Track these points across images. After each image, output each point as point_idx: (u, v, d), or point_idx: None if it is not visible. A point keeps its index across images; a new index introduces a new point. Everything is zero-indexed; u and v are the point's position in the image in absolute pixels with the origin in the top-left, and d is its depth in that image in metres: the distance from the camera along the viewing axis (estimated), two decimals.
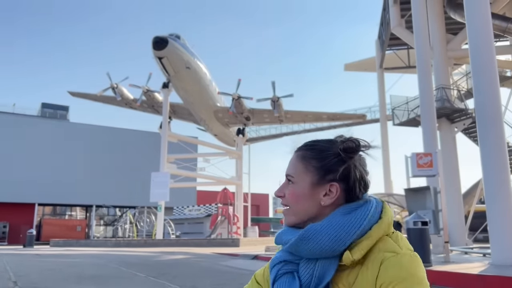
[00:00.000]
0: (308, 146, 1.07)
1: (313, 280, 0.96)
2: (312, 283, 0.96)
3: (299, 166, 1.05)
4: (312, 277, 0.96)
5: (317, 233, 0.95)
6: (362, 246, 0.94)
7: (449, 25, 17.66)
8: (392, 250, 0.92)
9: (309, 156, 1.04)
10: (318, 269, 0.96)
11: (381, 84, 25.65)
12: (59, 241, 24.25)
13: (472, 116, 15.19)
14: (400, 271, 0.88)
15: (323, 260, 0.96)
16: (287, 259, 1.02)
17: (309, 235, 0.96)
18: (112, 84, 26.63)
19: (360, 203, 1.00)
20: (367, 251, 0.94)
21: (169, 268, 8.53)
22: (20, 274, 7.20)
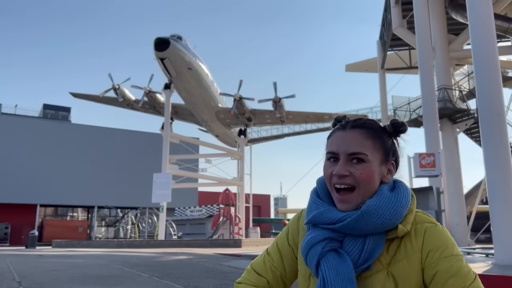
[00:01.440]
0: (367, 125, 1.09)
1: (363, 255, 0.99)
2: (361, 259, 0.99)
3: (368, 144, 1.05)
4: (361, 253, 1.00)
5: (378, 208, 0.99)
6: (409, 219, 1.03)
7: (451, 25, 17.67)
8: (429, 221, 1.04)
9: (374, 135, 1.07)
10: (368, 245, 1.00)
11: (383, 85, 25.63)
12: (61, 242, 24.27)
13: (474, 116, 15.20)
14: (442, 238, 1.00)
15: (374, 236, 1.00)
16: (330, 236, 1.02)
17: (371, 211, 0.99)
18: (114, 85, 26.67)
19: (395, 181, 1.10)
20: None
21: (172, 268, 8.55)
22: (24, 274, 7.22)
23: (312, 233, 1.05)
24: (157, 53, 22.42)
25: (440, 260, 0.98)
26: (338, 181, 1.04)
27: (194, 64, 23.83)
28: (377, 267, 1.00)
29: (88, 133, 36.90)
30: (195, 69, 23.89)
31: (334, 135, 1.10)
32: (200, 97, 25.60)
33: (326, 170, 1.08)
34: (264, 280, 1.17)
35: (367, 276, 1.00)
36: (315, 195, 1.13)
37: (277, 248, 1.19)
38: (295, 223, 1.19)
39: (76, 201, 36.18)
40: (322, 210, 1.05)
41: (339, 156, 1.05)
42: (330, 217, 1.03)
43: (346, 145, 1.05)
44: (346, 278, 0.96)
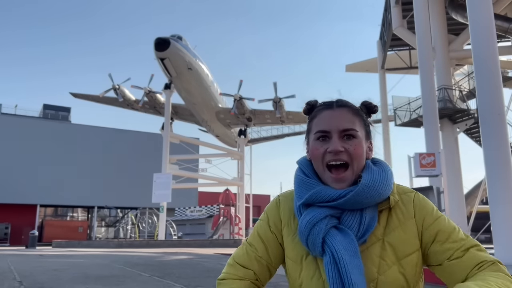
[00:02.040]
0: (349, 104, 1.12)
1: (362, 228, 1.02)
2: (360, 232, 1.02)
3: (357, 121, 1.09)
4: (360, 226, 1.03)
5: (375, 181, 1.03)
6: (395, 190, 1.09)
7: (451, 25, 17.68)
8: (410, 191, 1.12)
9: (359, 113, 1.11)
10: (366, 217, 1.03)
11: (383, 85, 25.64)
12: (62, 242, 24.28)
13: (474, 116, 15.21)
14: (428, 203, 1.09)
15: (369, 209, 1.04)
16: (330, 214, 1.04)
17: (369, 184, 1.02)
18: (114, 85, 26.69)
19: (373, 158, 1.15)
20: None
21: (173, 268, 8.56)
22: (25, 274, 7.23)
23: (311, 212, 1.05)
24: (157, 53, 22.44)
25: (435, 221, 1.05)
26: (333, 158, 1.05)
27: (194, 64, 23.85)
28: (372, 239, 1.03)
29: (88, 133, 36.92)
30: (195, 69, 23.91)
31: (321, 115, 1.11)
32: (200, 97, 25.62)
33: (317, 150, 1.08)
34: (251, 272, 1.14)
35: (363, 249, 1.03)
36: (302, 174, 1.12)
37: (259, 237, 1.16)
38: (275, 209, 1.17)
39: (76, 201, 36.18)
40: (318, 188, 1.05)
41: (330, 134, 1.06)
42: (329, 194, 1.04)
43: (338, 122, 1.06)
44: (352, 252, 0.99)
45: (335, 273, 0.98)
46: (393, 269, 1.01)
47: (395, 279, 1.00)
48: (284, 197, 1.19)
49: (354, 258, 0.98)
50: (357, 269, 0.97)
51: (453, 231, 1.04)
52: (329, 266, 0.99)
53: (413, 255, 1.04)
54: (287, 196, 1.18)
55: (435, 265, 1.05)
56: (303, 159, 1.16)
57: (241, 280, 1.13)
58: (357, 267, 0.97)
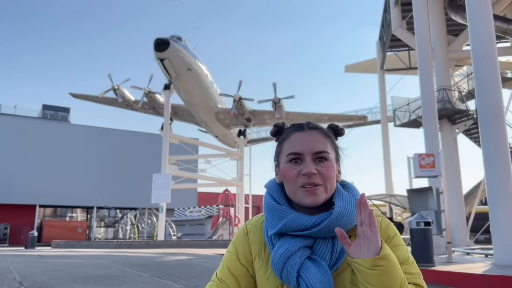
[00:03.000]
0: (319, 127, 1.11)
1: (334, 256, 1.02)
2: (332, 260, 1.02)
3: (328, 144, 1.09)
4: (332, 254, 1.02)
5: (347, 207, 1.03)
6: None
7: (450, 26, 17.71)
8: (377, 215, 1.09)
9: (329, 136, 1.11)
10: (338, 245, 1.02)
11: (382, 86, 25.69)
12: (61, 242, 24.27)
13: (473, 117, 15.23)
14: (393, 229, 1.09)
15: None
16: (304, 244, 1.02)
17: (342, 211, 1.02)
18: (114, 85, 26.69)
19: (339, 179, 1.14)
20: None
21: (172, 268, 8.56)
22: (24, 274, 7.23)
23: (284, 244, 1.02)
24: (157, 54, 22.45)
25: (395, 248, 1.05)
26: (308, 181, 1.03)
27: (194, 65, 23.86)
28: (343, 265, 1.02)
29: (87, 133, 36.90)
30: (194, 70, 23.92)
31: (292, 137, 1.09)
32: (199, 97, 25.63)
33: (290, 171, 1.05)
34: None
35: (335, 276, 1.02)
36: (273, 201, 1.08)
37: (230, 272, 1.11)
38: (244, 240, 1.13)
39: (75, 202, 36.16)
40: (292, 216, 1.03)
41: (303, 156, 1.05)
42: (303, 223, 1.01)
43: (311, 144, 1.06)
44: (327, 285, 0.98)
45: None
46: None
47: None
48: (253, 225, 1.15)
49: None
50: None
51: (406, 261, 1.04)
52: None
53: None
54: (255, 224, 1.15)
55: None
56: (271, 183, 1.13)
57: None
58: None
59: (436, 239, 9.25)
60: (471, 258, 9.30)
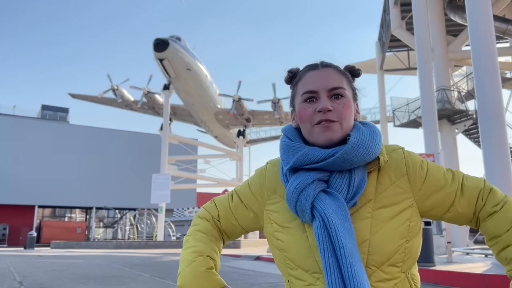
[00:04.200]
0: (334, 65, 1.09)
1: (351, 190, 0.99)
2: (349, 194, 0.99)
3: (344, 81, 1.06)
4: (349, 188, 0.99)
5: (364, 139, 1.00)
6: (383, 150, 1.06)
7: (449, 27, 17.73)
8: (397, 148, 1.09)
9: (345, 73, 1.08)
10: (355, 179, 1.00)
11: (382, 86, 25.69)
12: (60, 242, 24.24)
13: (473, 117, 15.25)
14: (415, 157, 1.07)
15: (358, 169, 1.01)
16: (318, 177, 1.01)
17: (358, 142, 0.99)
18: (113, 86, 26.67)
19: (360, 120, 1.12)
20: None
21: (172, 268, 8.56)
22: (24, 274, 7.22)
23: (298, 177, 1.01)
24: (156, 54, 22.45)
25: (427, 173, 1.04)
26: (323, 117, 1.00)
27: (193, 65, 23.87)
28: (362, 200, 1.01)
29: (86, 134, 36.86)
30: (194, 70, 23.92)
31: (306, 76, 1.07)
32: (199, 97, 25.63)
33: (306, 110, 1.03)
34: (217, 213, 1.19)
35: (354, 211, 1.00)
36: (288, 139, 1.08)
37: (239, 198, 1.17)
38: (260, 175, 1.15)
39: (74, 202, 36.12)
40: (305, 150, 1.02)
41: (318, 94, 1.03)
42: (317, 154, 1.00)
43: (325, 81, 1.03)
44: (343, 216, 0.96)
45: (326, 237, 0.95)
46: (385, 228, 0.98)
47: (387, 237, 0.97)
48: (272, 164, 1.15)
49: (344, 222, 0.96)
50: (348, 233, 0.95)
51: (444, 176, 1.04)
52: (319, 230, 0.96)
53: (405, 212, 1.01)
54: (275, 163, 1.15)
55: (442, 214, 1.05)
56: (288, 127, 1.12)
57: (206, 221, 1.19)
58: (347, 230, 0.95)
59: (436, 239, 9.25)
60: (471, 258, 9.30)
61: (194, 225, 1.20)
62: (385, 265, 0.98)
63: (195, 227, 1.18)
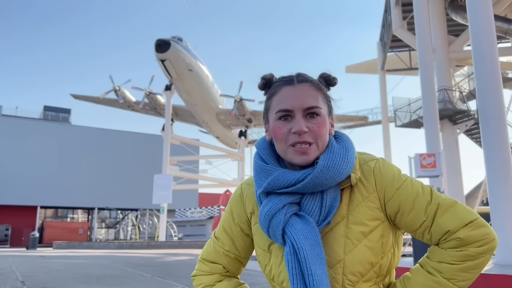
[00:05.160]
0: (310, 78, 1.05)
1: (323, 211, 0.98)
2: (322, 215, 0.98)
3: (320, 97, 1.02)
4: (321, 209, 0.98)
5: (334, 160, 0.98)
6: (356, 166, 1.03)
7: (451, 26, 17.71)
8: (371, 159, 1.05)
9: (321, 88, 1.05)
10: (327, 199, 0.99)
11: (383, 86, 25.67)
12: (62, 243, 24.30)
13: (474, 117, 15.23)
14: (389, 170, 1.02)
15: (330, 189, 0.99)
16: (289, 201, 0.99)
17: (328, 164, 0.97)
18: (115, 86, 26.73)
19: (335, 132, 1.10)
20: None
21: (174, 268, 8.58)
22: (27, 274, 7.24)
23: (269, 202, 1.00)
24: (158, 55, 22.49)
25: (398, 191, 0.99)
26: (298, 139, 0.98)
27: (195, 66, 23.90)
28: (336, 219, 1.00)
29: (88, 134, 36.94)
30: (195, 71, 23.96)
31: (281, 92, 1.03)
32: (200, 98, 25.66)
33: (280, 129, 1.00)
34: (219, 266, 1.15)
35: (327, 231, 1.00)
36: (260, 161, 1.06)
37: (225, 231, 1.16)
38: (238, 200, 1.15)
39: (76, 203, 36.19)
40: (276, 174, 1.00)
41: (293, 113, 0.99)
42: (287, 179, 0.98)
43: (301, 100, 0.99)
44: (313, 241, 0.95)
45: (295, 264, 0.95)
46: (359, 247, 0.97)
47: (362, 256, 0.97)
48: (247, 185, 1.15)
49: (315, 247, 0.95)
50: (318, 259, 0.94)
51: (417, 197, 0.98)
52: (289, 257, 0.96)
53: (378, 228, 0.99)
54: (249, 183, 1.14)
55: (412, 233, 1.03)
56: (261, 142, 1.10)
57: (210, 275, 1.15)
58: (317, 256, 0.95)
59: None
60: None
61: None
62: (360, 282, 0.98)
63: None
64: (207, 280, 1.15)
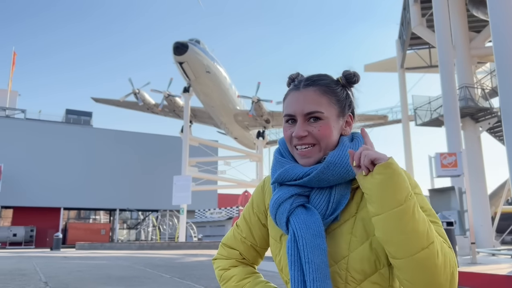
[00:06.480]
0: (319, 81, 1.07)
1: (330, 206, 1.00)
2: (328, 210, 1.00)
3: (324, 101, 1.05)
4: (328, 204, 1.01)
5: (342, 157, 1.00)
6: None
7: (472, 22, 17.35)
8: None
9: (329, 90, 1.06)
10: (335, 195, 1.01)
11: (403, 84, 25.33)
12: (85, 244, 24.74)
13: (498, 115, 14.88)
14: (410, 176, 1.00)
15: (339, 186, 1.01)
16: (297, 193, 1.03)
17: (335, 160, 0.99)
18: (134, 89, 27.08)
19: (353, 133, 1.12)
20: None
21: (193, 269, 8.64)
22: (50, 275, 7.40)
23: (279, 192, 1.05)
24: (176, 57, 22.69)
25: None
26: (298, 142, 1.04)
27: (212, 67, 24.02)
28: (345, 216, 1.01)
29: (109, 137, 37.51)
30: (213, 72, 24.08)
31: (289, 97, 1.09)
32: (218, 99, 25.78)
33: (286, 132, 1.08)
34: (236, 252, 1.21)
35: (336, 227, 1.02)
36: (278, 155, 1.12)
37: (244, 220, 1.21)
38: (260, 191, 1.20)
39: (98, 204, 36.77)
40: (286, 167, 1.05)
41: (296, 117, 1.05)
42: (295, 172, 1.03)
43: (302, 105, 1.04)
44: (315, 232, 0.97)
45: (295, 252, 0.98)
46: (364, 246, 0.98)
47: (366, 255, 0.97)
48: (270, 178, 1.18)
49: (316, 238, 0.97)
50: (318, 249, 0.96)
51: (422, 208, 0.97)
52: (290, 244, 0.99)
53: None
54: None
55: None
56: (283, 139, 1.14)
57: (227, 259, 1.22)
58: (318, 247, 0.96)
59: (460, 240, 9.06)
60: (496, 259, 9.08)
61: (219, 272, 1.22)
62: (365, 281, 0.98)
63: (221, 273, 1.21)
64: (224, 263, 1.22)
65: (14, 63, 38.88)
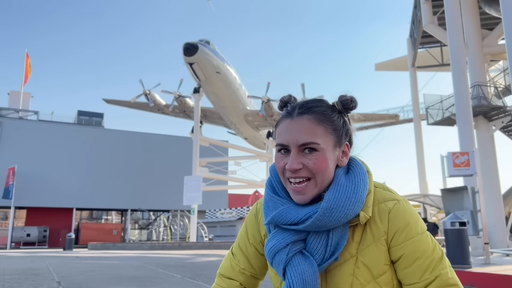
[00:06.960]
0: (315, 108, 0.99)
1: (329, 250, 0.96)
2: (327, 254, 0.96)
3: (319, 131, 0.97)
4: (327, 247, 0.96)
5: (339, 201, 0.94)
6: (369, 202, 0.97)
7: (484, 20, 17.14)
8: (391, 198, 0.99)
9: (324, 119, 0.98)
10: (333, 238, 0.96)
11: (414, 83, 25.14)
12: (97, 244, 24.97)
13: (511, 113, 14.68)
14: (406, 217, 0.97)
15: (336, 228, 0.96)
16: (292, 240, 0.97)
17: (332, 206, 0.93)
18: (145, 90, 27.25)
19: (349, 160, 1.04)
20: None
21: (204, 269, 8.66)
22: (62, 275, 7.48)
23: (274, 237, 0.99)
24: (186, 58, 22.78)
25: (405, 242, 0.95)
26: (292, 176, 0.96)
27: (222, 68, 24.08)
28: (345, 256, 0.97)
29: (120, 138, 37.82)
30: (223, 73, 24.14)
31: (281, 125, 1.00)
32: (228, 100, 25.83)
33: (278, 163, 0.99)
34: (236, 283, 1.15)
35: (335, 266, 0.98)
36: (270, 191, 1.04)
37: (240, 250, 1.16)
38: (253, 219, 1.14)
39: (110, 205, 37.10)
40: (280, 210, 0.98)
41: (289, 148, 0.97)
42: (290, 217, 0.96)
43: (296, 135, 0.96)
44: (311, 286, 0.94)
45: None
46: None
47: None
48: (262, 205, 1.11)
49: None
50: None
51: (421, 257, 0.95)
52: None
53: (388, 272, 0.97)
54: None
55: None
56: (274, 166, 1.06)
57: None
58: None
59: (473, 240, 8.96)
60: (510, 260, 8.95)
61: None
62: None
63: None
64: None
65: (28, 65, 39.27)
